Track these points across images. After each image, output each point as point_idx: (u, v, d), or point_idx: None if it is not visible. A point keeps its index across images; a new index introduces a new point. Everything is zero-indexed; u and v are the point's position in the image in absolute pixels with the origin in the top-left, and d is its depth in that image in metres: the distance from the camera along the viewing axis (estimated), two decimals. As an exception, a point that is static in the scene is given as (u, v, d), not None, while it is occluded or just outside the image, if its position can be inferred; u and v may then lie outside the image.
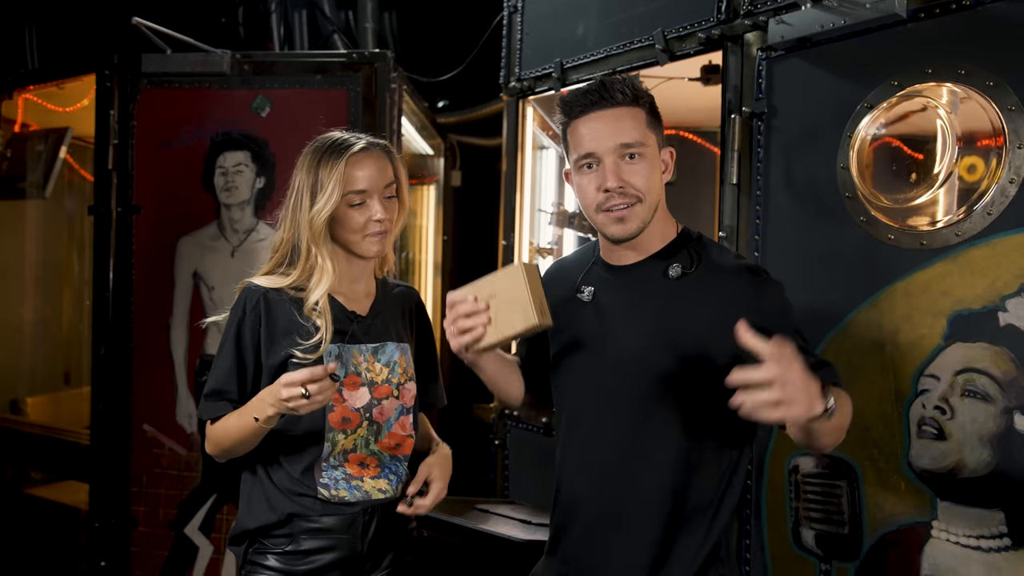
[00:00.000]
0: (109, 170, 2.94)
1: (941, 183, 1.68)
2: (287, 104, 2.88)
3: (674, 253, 1.47)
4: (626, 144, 1.40)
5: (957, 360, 1.65)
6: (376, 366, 1.66)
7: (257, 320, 1.61)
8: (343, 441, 1.62)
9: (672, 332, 1.42)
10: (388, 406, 1.66)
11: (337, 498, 1.61)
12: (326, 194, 1.58)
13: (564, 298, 1.57)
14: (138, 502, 2.96)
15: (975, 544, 1.63)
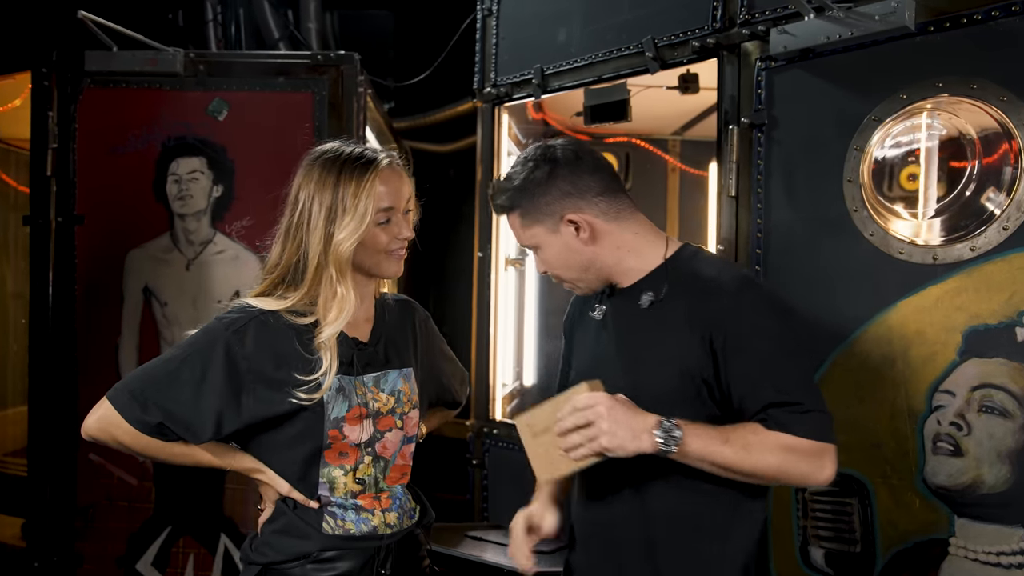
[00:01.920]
0: (48, 177, 2.71)
1: (955, 198, 1.67)
2: (247, 107, 2.72)
3: (651, 282, 1.46)
4: (524, 247, 1.57)
5: (973, 376, 1.64)
6: (381, 396, 1.53)
7: (252, 351, 1.43)
8: (343, 479, 1.49)
9: (640, 363, 1.43)
10: (392, 438, 1.53)
11: (343, 530, 1.49)
12: (357, 216, 1.44)
13: (581, 312, 1.61)
14: (83, 537, 2.72)
15: (995, 561, 1.62)
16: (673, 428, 1.28)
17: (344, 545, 1.48)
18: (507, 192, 1.48)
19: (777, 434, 1.29)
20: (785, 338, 1.35)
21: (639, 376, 1.41)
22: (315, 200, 1.45)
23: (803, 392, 1.32)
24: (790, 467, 1.29)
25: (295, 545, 1.48)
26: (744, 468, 1.30)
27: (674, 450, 1.28)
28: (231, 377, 1.42)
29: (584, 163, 1.46)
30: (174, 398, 1.40)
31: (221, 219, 2.71)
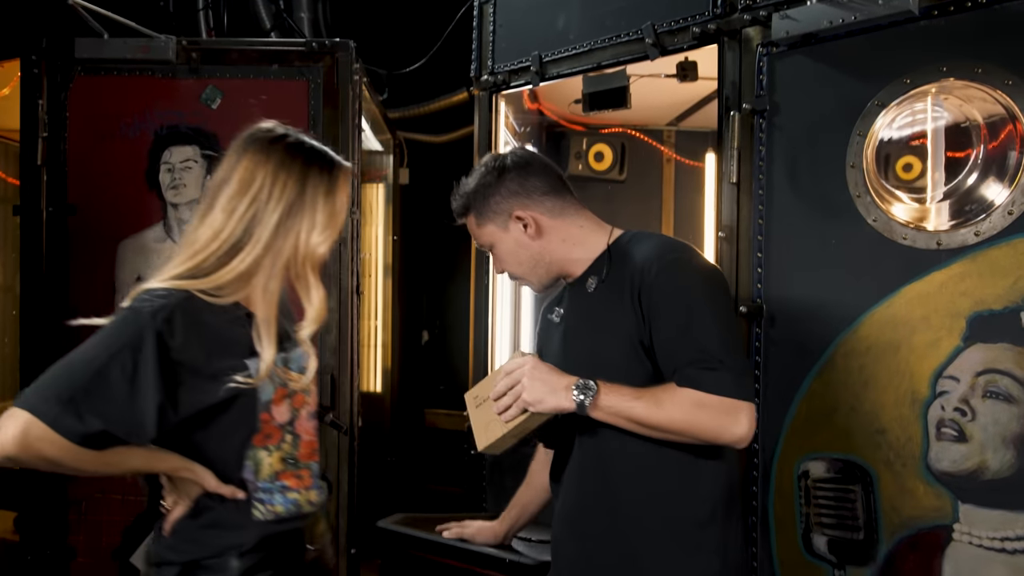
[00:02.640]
0: (39, 166, 2.66)
1: (959, 183, 1.67)
2: (240, 95, 2.68)
3: (595, 267, 1.60)
4: (479, 246, 1.73)
5: (978, 361, 1.64)
6: (293, 375, 1.47)
7: (183, 339, 1.30)
8: (268, 460, 1.44)
9: (589, 342, 1.56)
10: (305, 415, 1.51)
11: (273, 514, 1.43)
12: (336, 220, 1.44)
13: (544, 318, 1.76)
14: (77, 531, 2.69)
15: (999, 546, 1.62)
16: (589, 385, 1.41)
17: (275, 530, 1.43)
18: (463, 196, 1.66)
19: (687, 390, 1.38)
20: (703, 301, 1.44)
21: (591, 352, 1.54)
22: (277, 184, 1.39)
23: (718, 352, 1.39)
24: (699, 421, 1.38)
25: (227, 537, 1.40)
26: (655, 422, 1.39)
27: (588, 404, 1.40)
28: (165, 369, 1.29)
29: (532, 167, 1.63)
30: (110, 401, 1.26)
31: (215, 209, 2.67)
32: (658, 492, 1.48)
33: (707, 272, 1.50)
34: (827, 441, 1.85)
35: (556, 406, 1.42)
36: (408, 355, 4.48)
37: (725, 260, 2.04)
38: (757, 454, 1.97)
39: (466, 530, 1.96)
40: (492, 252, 1.70)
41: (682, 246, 1.52)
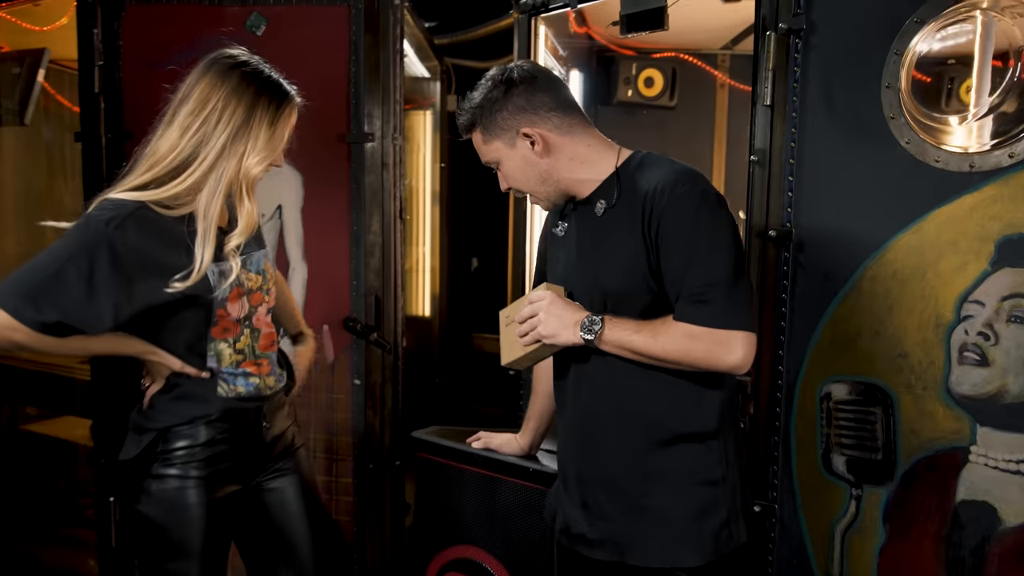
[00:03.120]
0: (96, 94, 2.78)
1: (997, 102, 1.62)
2: (284, 22, 2.73)
3: (604, 190, 1.60)
4: (485, 163, 1.69)
5: (1004, 286, 1.62)
6: (251, 275, 1.74)
7: (139, 238, 1.53)
8: (229, 352, 1.71)
9: (596, 265, 1.59)
10: (262, 311, 1.77)
11: (235, 393, 1.72)
12: (272, 147, 1.63)
13: (548, 231, 1.78)
14: (144, 437, 2.90)
15: (1015, 468, 1.63)
16: (595, 321, 1.49)
17: (236, 405, 1.71)
18: (468, 112, 1.63)
19: (681, 324, 1.44)
20: (710, 235, 1.45)
21: (598, 274, 1.56)
22: (227, 109, 1.58)
23: (719, 285, 1.43)
24: (692, 352, 1.44)
25: (196, 409, 1.68)
26: (653, 352, 1.46)
27: (594, 339, 1.49)
28: (118, 270, 1.50)
29: (539, 82, 1.59)
30: (65, 296, 1.48)
31: (262, 134, 2.75)
32: (659, 405, 1.54)
33: (715, 205, 1.49)
34: (850, 364, 1.87)
35: (566, 341, 1.52)
36: (456, 281, 4.58)
37: (756, 185, 2.03)
38: (781, 376, 2.00)
39: (493, 441, 2.06)
40: (499, 169, 1.68)
41: (693, 176, 1.51)
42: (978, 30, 1.70)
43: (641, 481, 1.54)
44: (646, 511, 1.53)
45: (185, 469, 1.67)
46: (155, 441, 1.68)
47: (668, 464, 1.53)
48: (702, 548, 1.51)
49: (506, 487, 2.00)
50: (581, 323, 1.49)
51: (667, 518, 1.52)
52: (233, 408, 1.71)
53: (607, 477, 1.58)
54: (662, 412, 1.53)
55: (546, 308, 1.52)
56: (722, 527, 1.53)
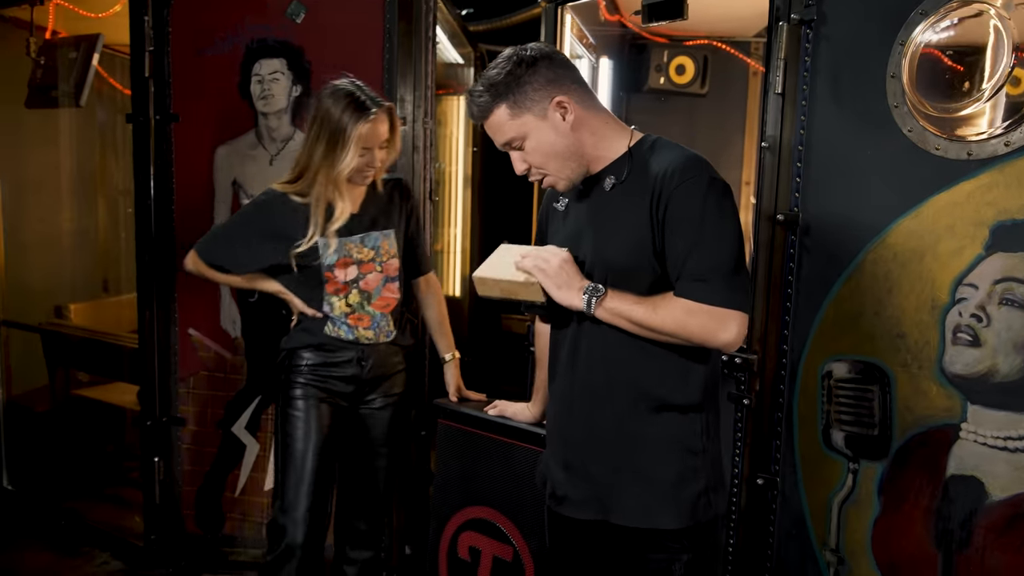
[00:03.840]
0: (146, 78, 2.95)
1: (993, 94, 1.68)
2: (322, 10, 2.85)
3: (615, 167, 1.63)
4: (506, 142, 1.65)
5: (997, 269, 1.69)
6: (364, 250, 2.31)
7: (276, 215, 2.25)
8: (338, 304, 2.30)
9: (601, 237, 1.63)
10: (372, 278, 2.32)
11: (336, 334, 2.31)
12: (348, 153, 2.15)
13: (549, 205, 1.83)
14: (187, 402, 3.09)
15: (1002, 445, 1.70)
16: (599, 289, 1.57)
17: (335, 343, 2.31)
18: (489, 91, 1.59)
19: (681, 300, 1.51)
20: (715, 221, 1.51)
21: (603, 249, 1.61)
22: (323, 126, 2.17)
23: (720, 267, 1.50)
24: (689, 326, 1.50)
25: (306, 338, 2.32)
26: (651, 324, 1.52)
27: (594, 305, 1.56)
28: (263, 236, 2.28)
29: (556, 59, 1.62)
30: (231, 251, 2.32)
31: (300, 117, 2.89)
32: (648, 376, 1.60)
33: (722, 193, 1.55)
34: (851, 344, 1.95)
35: (567, 301, 1.58)
36: (488, 263, 4.69)
37: (767, 170, 2.11)
38: (786, 355, 2.08)
39: (508, 410, 2.18)
40: (522, 146, 1.63)
41: (703, 163, 1.57)
42: (978, 23, 1.75)
43: (627, 445, 1.61)
44: (630, 474, 1.61)
45: (303, 380, 2.30)
46: (286, 356, 2.34)
47: (653, 431, 1.60)
48: (680, 512, 1.59)
49: (519, 452, 2.12)
50: (585, 288, 1.56)
51: (649, 481, 1.60)
52: (333, 344, 2.30)
53: (594, 441, 1.65)
54: (651, 382, 1.60)
55: (560, 263, 1.59)
56: (700, 495, 1.60)
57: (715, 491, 1.64)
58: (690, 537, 1.60)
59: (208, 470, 3.11)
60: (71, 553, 3.29)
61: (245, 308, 3.01)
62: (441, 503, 2.34)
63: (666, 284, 1.57)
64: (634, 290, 1.58)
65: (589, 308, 1.56)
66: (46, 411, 3.87)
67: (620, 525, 1.62)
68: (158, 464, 3.09)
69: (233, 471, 3.10)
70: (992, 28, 1.68)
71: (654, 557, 1.60)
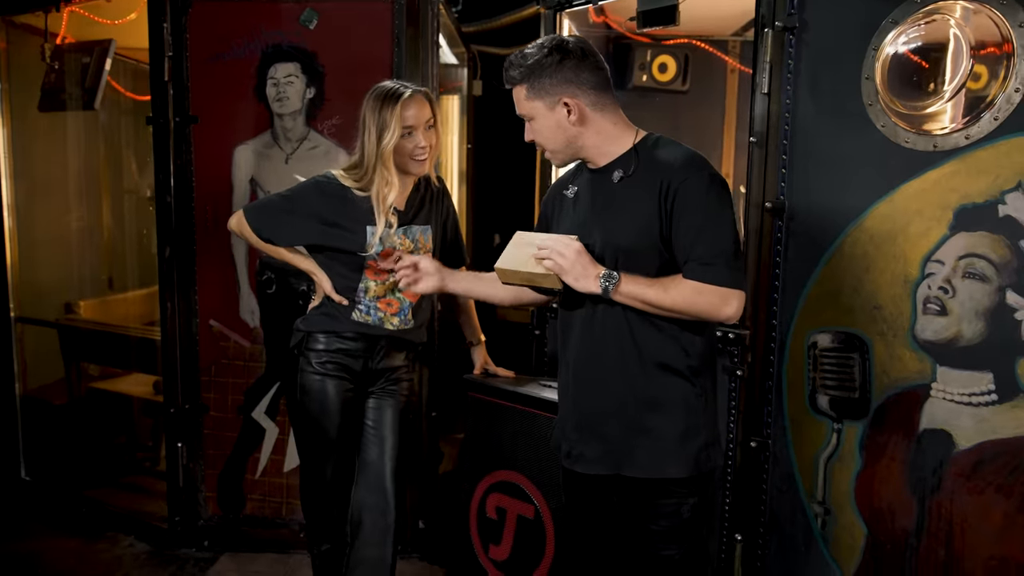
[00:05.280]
0: (165, 82, 3.10)
1: (954, 93, 1.91)
2: (334, 16, 3.02)
3: (622, 161, 1.83)
4: (520, 114, 1.88)
5: (961, 247, 1.93)
6: (406, 241, 2.42)
7: (331, 200, 2.35)
8: (375, 288, 2.40)
9: (611, 224, 1.80)
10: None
11: (363, 320, 2.41)
12: (390, 131, 2.28)
13: (558, 193, 2.01)
14: (208, 390, 3.25)
15: (967, 400, 1.94)
16: (613, 275, 1.74)
17: (359, 329, 2.41)
18: (520, 68, 1.81)
19: (690, 281, 1.72)
20: (717, 211, 1.73)
21: (612, 235, 1.81)
22: (370, 122, 2.31)
23: (721, 251, 1.71)
24: (697, 304, 1.72)
25: (330, 323, 2.42)
26: (663, 303, 1.73)
27: (611, 289, 1.74)
28: (316, 219, 2.36)
29: (587, 61, 1.80)
30: (277, 221, 2.40)
31: (314, 118, 3.07)
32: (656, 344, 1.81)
33: (722, 188, 1.77)
34: (833, 317, 2.18)
35: (586, 288, 1.76)
36: (480, 255, 4.88)
37: (755, 162, 2.33)
38: (775, 328, 2.31)
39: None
40: (530, 123, 1.86)
41: (704, 161, 1.79)
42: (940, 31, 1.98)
43: (637, 407, 1.82)
44: (642, 431, 1.82)
45: (320, 363, 2.40)
46: (303, 339, 2.44)
47: (661, 392, 1.81)
48: (687, 463, 1.81)
49: (541, 421, 2.33)
50: (601, 275, 1.74)
51: (659, 437, 1.81)
52: (354, 333, 2.41)
53: (608, 404, 1.85)
54: (658, 351, 1.81)
55: (575, 254, 1.75)
56: (701, 449, 1.82)
57: (713, 446, 1.86)
58: (694, 484, 1.82)
59: (229, 454, 3.27)
60: (96, 538, 3.44)
61: (263, 299, 3.18)
62: (471, 468, 2.55)
63: (672, 266, 1.77)
64: (642, 270, 1.77)
65: (606, 293, 1.75)
66: (63, 404, 4.00)
67: (632, 477, 1.83)
68: (181, 449, 3.26)
69: (253, 454, 3.27)
70: (952, 36, 1.92)
71: (664, 502, 1.82)
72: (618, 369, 1.84)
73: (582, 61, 1.79)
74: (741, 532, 2.41)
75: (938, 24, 1.94)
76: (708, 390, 1.87)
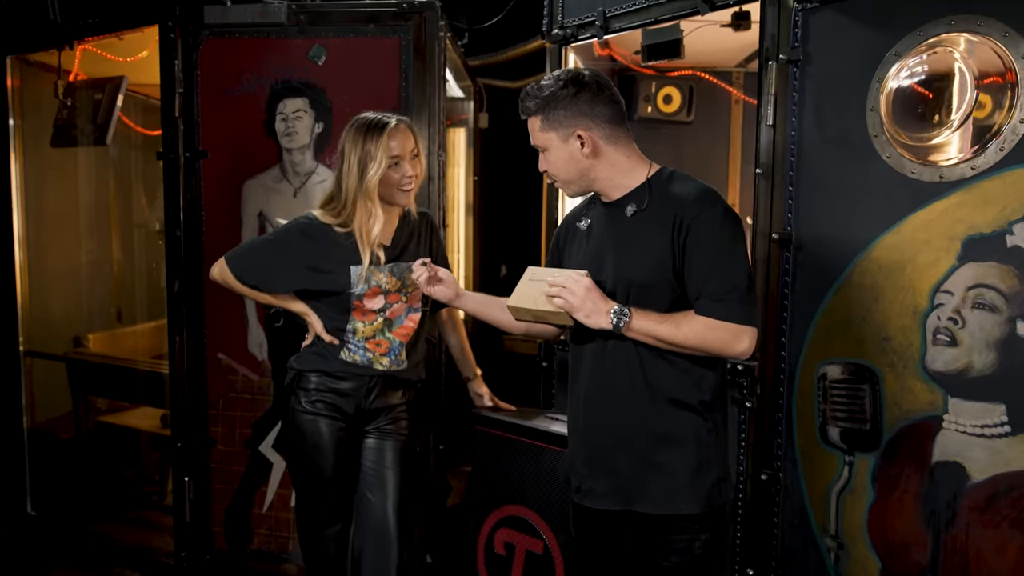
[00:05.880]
0: (176, 117, 3.14)
1: (960, 124, 1.92)
2: (342, 52, 3.07)
3: (635, 195, 1.83)
4: (534, 144, 1.89)
5: (969, 277, 1.92)
6: (392, 279, 2.37)
7: (316, 243, 2.31)
8: (363, 328, 2.36)
9: (624, 259, 1.81)
10: (398, 307, 2.40)
11: (351, 359, 2.36)
12: (376, 162, 2.24)
13: (571, 224, 2.01)
14: (216, 423, 3.24)
15: (979, 432, 1.92)
16: (624, 311, 1.74)
17: (349, 369, 2.37)
18: (536, 99, 1.82)
19: (702, 317, 1.72)
20: (729, 247, 1.73)
21: (625, 270, 1.80)
22: (352, 154, 2.27)
23: (734, 287, 1.71)
24: (709, 340, 1.72)
25: (321, 362, 2.38)
26: (675, 340, 1.73)
27: (623, 326, 1.74)
28: (296, 261, 2.32)
29: (603, 94, 1.81)
30: (264, 269, 2.36)
31: (322, 152, 3.10)
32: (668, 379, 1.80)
33: (735, 223, 1.77)
34: (842, 348, 2.17)
35: (597, 324, 1.76)
36: (487, 287, 4.90)
37: (761, 194, 2.33)
38: (784, 360, 2.30)
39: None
40: (543, 154, 1.88)
41: (717, 196, 1.79)
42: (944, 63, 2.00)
43: (650, 441, 1.80)
44: (653, 467, 1.80)
45: (311, 402, 2.37)
46: (296, 378, 2.41)
47: (672, 427, 1.80)
48: (699, 498, 1.79)
49: (549, 454, 2.32)
50: (612, 311, 1.73)
51: (671, 472, 1.79)
52: (344, 372, 2.36)
53: (618, 437, 1.84)
54: (670, 386, 1.80)
55: (585, 292, 1.74)
56: (714, 484, 1.80)
57: (725, 481, 1.84)
58: (706, 520, 1.80)
59: (236, 488, 3.26)
60: (103, 573, 3.42)
61: (272, 332, 3.19)
62: (479, 503, 2.53)
63: (684, 302, 1.77)
64: (655, 305, 1.77)
65: (617, 330, 1.75)
66: (70, 438, 4.00)
67: (643, 513, 1.81)
68: (188, 483, 3.24)
69: (260, 488, 3.25)
70: (955, 67, 1.93)
71: (676, 538, 1.80)
72: (629, 403, 1.83)
73: (597, 94, 1.81)
74: (753, 567, 2.38)
75: (941, 56, 1.96)
76: (720, 424, 1.86)
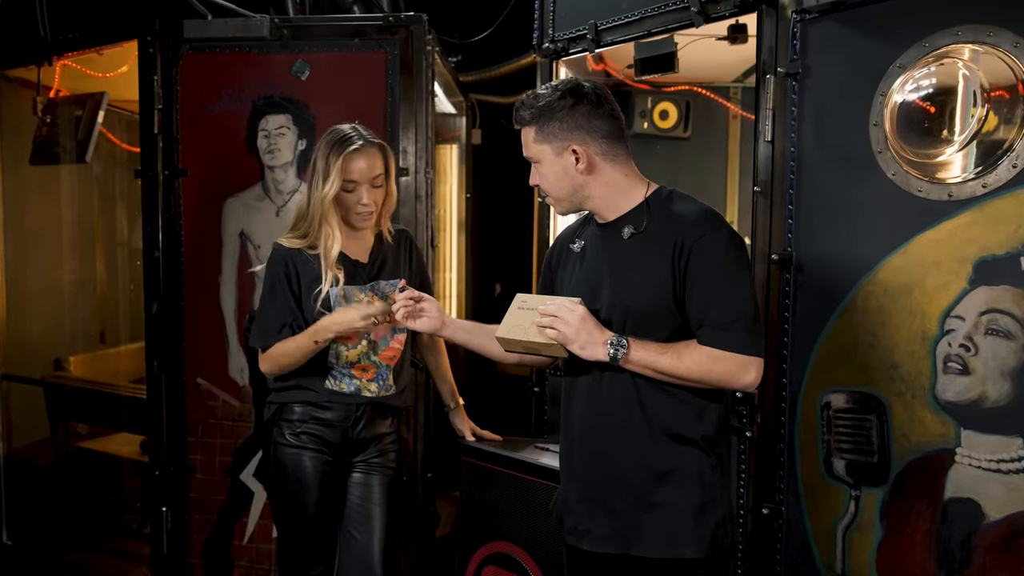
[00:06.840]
0: (155, 134, 3.04)
1: (969, 139, 1.81)
2: (326, 67, 2.97)
3: (633, 216, 1.73)
4: (526, 156, 1.80)
5: (982, 302, 1.81)
6: (374, 298, 2.25)
7: (293, 272, 2.20)
8: (346, 353, 2.22)
9: (621, 284, 1.70)
10: (381, 329, 2.25)
11: (337, 387, 2.23)
12: (329, 180, 2.14)
13: (564, 245, 1.91)
14: (195, 451, 3.12)
15: (995, 467, 1.80)
16: (622, 341, 1.63)
17: (335, 398, 2.23)
18: (531, 108, 1.73)
19: (705, 348, 1.61)
20: (733, 273, 1.62)
21: (621, 296, 1.69)
22: (318, 166, 2.16)
23: (738, 315, 1.61)
24: (713, 372, 1.61)
25: (304, 394, 2.23)
26: (677, 372, 1.61)
27: (621, 358, 1.63)
28: (289, 295, 2.19)
29: (602, 108, 1.71)
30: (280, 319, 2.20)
31: (306, 169, 2.97)
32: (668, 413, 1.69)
33: (739, 247, 1.67)
34: (847, 375, 2.05)
35: (593, 356, 1.65)
36: (481, 306, 4.79)
37: (760, 213, 2.23)
38: (785, 388, 2.18)
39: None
40: (535, 167, 1.78)
41: (720, 218, 1.69)
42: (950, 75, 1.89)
43: (649, 479, 1.69)
44: (652, 507, 1.68)
45: (295, 434, 2.23)
46: (276, 412, 2.27)
47: (674, 465, 1.68)
48: (702, 541, 1.67)
49: (539, 488, 2.19)
50: (609, 342, 1.62)
51: (672, 513, 1.67)
52: (329, 402, 2.23)
53: (615, 476, 1.72)
54: (670, 420, 1.68)
55: (579, 321, 1.64)
56: (719, 525, 1.69)
57: (731, 522, 1.72)
58: (710, 564, 1.68)
59: (216, 518, 3.13)
60: (77, 606, 3.28)
61: (252, 356, 3.07)
62: (465, 538, 2.40)
63: (686, 331, 1.65)
64: (654, 334, 1.66)
65: (615, 361, 1.64)
66: (47, 464, 3.87)
67: (643, 557, 1.69)
68: (166, 514, 3.11)
69: (241, 519, 3.12)
70: (962, 79, 1.82)
71: None
72: (626, 438, 1.71)
73: (596, 108, 1.71)
74: (755, 606, 2.25)
75: (948, 68, 1.85)
76: (725, 461, 1.75)
